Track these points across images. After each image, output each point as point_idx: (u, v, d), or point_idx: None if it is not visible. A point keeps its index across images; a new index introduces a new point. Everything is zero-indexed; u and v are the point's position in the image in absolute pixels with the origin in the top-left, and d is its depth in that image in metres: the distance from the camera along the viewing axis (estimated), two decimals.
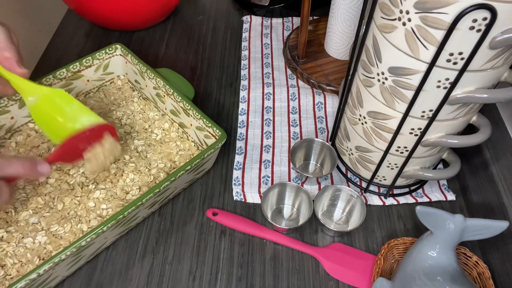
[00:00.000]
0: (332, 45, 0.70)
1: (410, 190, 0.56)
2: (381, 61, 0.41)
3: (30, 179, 0.53)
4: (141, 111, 0.63)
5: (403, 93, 0.41)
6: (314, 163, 0.60)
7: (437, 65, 0.37)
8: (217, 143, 0.51)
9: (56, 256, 0.41)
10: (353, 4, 0.63)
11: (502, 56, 0.36)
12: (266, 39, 0.78)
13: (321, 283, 0.49)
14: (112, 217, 0.44)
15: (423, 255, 0.43)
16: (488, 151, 0.55)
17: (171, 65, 0.73)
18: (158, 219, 0.54)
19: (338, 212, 0.55)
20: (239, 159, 0.60)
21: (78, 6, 0.72)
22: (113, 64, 0.64)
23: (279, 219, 0.55)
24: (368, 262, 0.50)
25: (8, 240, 0.48)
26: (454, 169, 0.49)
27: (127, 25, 0.77)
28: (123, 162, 0.56)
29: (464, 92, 0.39)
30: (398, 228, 0.54)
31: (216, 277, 0.49)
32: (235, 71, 0.72)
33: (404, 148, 0.48)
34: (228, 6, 0.85)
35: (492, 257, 0.50)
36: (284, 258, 0.51)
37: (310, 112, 0.66)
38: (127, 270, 0.50)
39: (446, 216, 0.42)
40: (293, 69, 0.71)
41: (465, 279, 0.42)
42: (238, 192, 0.56)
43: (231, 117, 0.65)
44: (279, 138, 0.63)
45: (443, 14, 0.33)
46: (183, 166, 0.48)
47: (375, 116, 0.46)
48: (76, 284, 0.48)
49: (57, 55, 0.74)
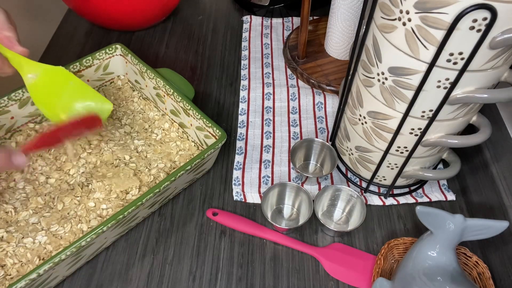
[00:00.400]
0: (332, 45, 0.70)
1: (410, 190, 0.56)
2: (381, 61, 0.41)
3: (29, 180, 0.53)
4: (141, 111, 0.63)
5: (403, 93, 0.41)
6: (314, 163, 0.60)
7: (437, 65, 0.37)
8: (217, 143, 0.51)
9: (56, 256, 0.41)
10: (353, 4, 0.63)
11: (502, 56, 0.36)
12: (266, 39, 0.78)
13: (321, 283, 0.49)
14: (112, 217, 0.44)
15: (423, 255, 0.43)
16: (488, 151, 0.55)
17: (171, 65, 0.73)
18: (158, 219, 0.54)
19: (338, 212, 0.55)
20: (239, 159, 0.60)
21: (78, 6, 0.72)
22: (113, 64, 0.64)
23: (279, 219, 0.55)
24: (368, 262, 0.50)
25: (8, 240, 0.48)
26: (454, 169, 0.49)
27: (127, 25, 0.77)
28: (124, 162, 0.56)
29: (464, 92, 0.39)
30: (398, 228, 0.54)
31: (216, 277, 0.49)
32: (235, 71, 0.72)
33: (404, 148, 0.48)
34: (228, 6, 0.85)
35: (492, 257, 0.50)
36: (284, 258, 0.51)
37: (310, 112, 0.66)
38: (127, 270, 0.50)
39: (446, 216, 0.42)
40: (293, 69, 0.71)
41: (465, 279, 0.42)
42: (238, 192, 0.56)
43: (231, 117, 0.65)
44: (279, 138, 0.63)
45: (443, 14, 0.33)
46: (183, 166, 0.48)
47: (375, 116, 0.46)
48: (76, 284, 0.48)
49: (57, 55, 0.74)
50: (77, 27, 0.80)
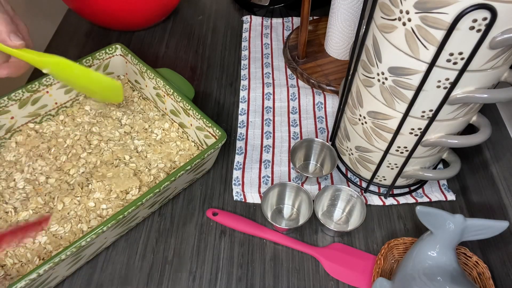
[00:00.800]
0: (332, 45, 0.70)
1: (410, 190, 0.56)
2: (381, 61, 0.41)
3: (29, 180, 0.53)
4: (141, 111, 0.63)
5: (403, 93, 0.41)
6: (314, 163, 0.60)
7: (437, 65, 0.37)
8: (217, 143, 0.51)
9: (56, 256, 0.41)
10: (353, 4, 0.63)
11: (502, 56, 0.36)
12: (266, 39, 0.78)
13: (321, 283, 0.49)
14: (112, 217, 0.44)
15: (423, 255, 0.43)
16: (488, 151, 0.54)
17: (171, 65, 0.73)
18: (158, 219, 0.54)
19: (338, 212, 0.55)
20: (239, 159, 0.60)
21: (78, 6, 0.72)
22: (113, 64, 0.64)
23: (279, 219, 0.55)
24: (368, 262, 0.50)
25: None
26: (454, 169, 0.49)
27: (127, 25, 0.77)
28: (124, 162, 0.56)
29: (464, 92, 0.39)
30: (398, 228, 0.54)
31: (216, 277, 0.49)
32: (235, 71, 0.72)
33: (404, 148, 0.48)
34: (228, 6, 0.85)
35: (492, 257, 0.49)
36: (284, 258, 0.51)
37: (310, 112, 0.66)
38: (127, 270, 0.50)
39: (446, 216, 0.42)
40: (293, 69, 0.71)
41: (465, 279, 0.42)
42: (238, 192, 0.56)
43: (231, 117, 0.65)
44: (279, 138, 0.63)
45: (443, 14, 0.33)
46: (183, 166, 0.48)
47: (375, 116, 0.46)
48: (76, 284, 0.48)
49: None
50: (77, 27, 0.80)
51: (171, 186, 0.50)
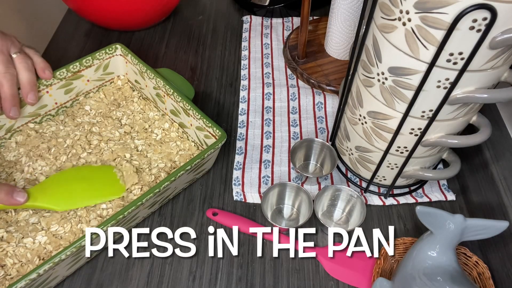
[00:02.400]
0: (332, 45, 0.70)
1: (410, 190, 0.56)
2: (381, 61, 0.41)
3: (29, 180, 0.53)
4: (141, 111, 0.63)
5: (403, 93, 0.41)
6: (314, 163, 0.60)
7: (437, 65, 0.37)
8: (217, 143, 0.51)
9: (56, 256, 0.41)
10: (353, 4, 0.63)
11: (502, 56, 0.36)
12: (266, 39, 0.78)
13: (321, 283, 0.49)
14: (112, 217, 0.44)
15: (423, 255, 0.43)
16: (488, 151, 0.54)
17: (171, 65, 0.73)
18: (158, 219, 0.54)
19: (338, 212, 0.55)
20: (239, 159, 0.60)
21: (78, 6, 0.72)
22: (113, 64, 0.64)
23: (279, 219, 0.54)
24: (368, 262, 0.50)
25: (8, 240, 0.48)
26: (454, 169, 0.49)
27: (127, 25, 0.77)
28: (125, 159, 0.55)
29: (464, 92, 0.39)
30: (398, 228, 0.54)
31: (216, 277, 0.49)
32: (235, 71, 0.72)
33: (404, 148, 0.48)
34: (228, 6, 0.85)
35: (492, 257, 0.49)
36: (284, 258, 0.51)
37: (310, 112, 0.66)
38: (127, 270, 0.50)
39: (446, 216, 0.42)
40: (293, 69, 0.71)
41: (465, 279, 0.42)
42: (238, 192, 0.56)
43: (231, 117, 0.65)
44: (279, 138, 0.63)
45: (443, 14, 0.33)
46: (183, 166, 0.48)
47: (375, 116, 0.46)
48: (76, 284, 0.48)
49: (57, 55, 0.74)
50: (77, 27, 0.80)
51: (171, 186, 0.50)
